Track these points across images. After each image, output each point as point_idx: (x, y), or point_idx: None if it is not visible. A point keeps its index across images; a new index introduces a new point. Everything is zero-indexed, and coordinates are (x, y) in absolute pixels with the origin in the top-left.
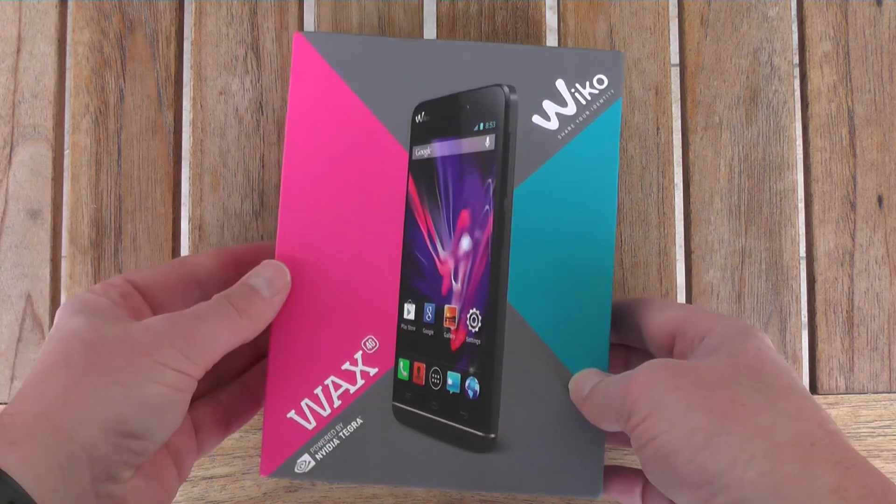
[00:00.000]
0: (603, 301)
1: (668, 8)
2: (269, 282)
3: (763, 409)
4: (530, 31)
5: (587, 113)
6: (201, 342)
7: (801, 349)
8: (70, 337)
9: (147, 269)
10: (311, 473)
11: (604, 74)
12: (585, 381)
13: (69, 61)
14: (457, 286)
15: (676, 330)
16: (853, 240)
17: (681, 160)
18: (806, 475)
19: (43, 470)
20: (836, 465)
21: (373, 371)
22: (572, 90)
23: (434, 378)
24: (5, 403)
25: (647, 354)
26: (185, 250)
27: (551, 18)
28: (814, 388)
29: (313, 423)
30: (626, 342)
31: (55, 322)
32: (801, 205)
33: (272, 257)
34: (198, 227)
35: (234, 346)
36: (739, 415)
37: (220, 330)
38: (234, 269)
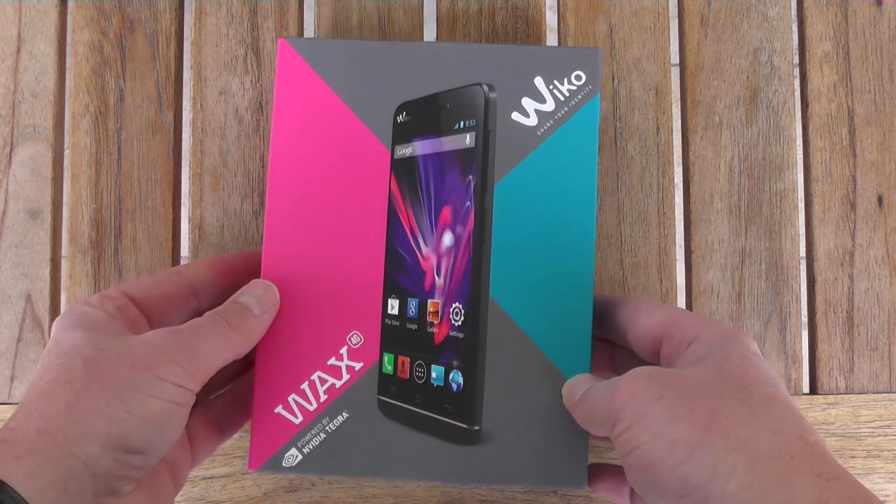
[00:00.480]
0: (584, 293)
1: (668, 8)
2: (259, 300)
3: (745, 422)
4: (530, 31)
5: (566, 109)
6: (199, 356)
7: (801, 349)
8: (70, 352)
9: (143, 280)
10: (298, 467)
11: (581, 71)
12: (577, 387)
13: (69, 61)
14: (439, 281)
15: (663, 333)
16: (853, 240)
17: (681, 160)
18: (787, 488)
19: (46, 484)
20: (816, 478)
21: (358, 366)
22: (551, 87)
23: (418, 372)
24: (5, 403)
25: (631, 353)
26: (185, 250)
27: (551, 18)
28: (814, 388)
29: (300, 418)
30: (611, 339)
31: (52, 335)
32: (801, 205)
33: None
34: (198, 227)
35: (228, 361)
36: (722, 427)
37: (216, 344)
38: (229, 276)
